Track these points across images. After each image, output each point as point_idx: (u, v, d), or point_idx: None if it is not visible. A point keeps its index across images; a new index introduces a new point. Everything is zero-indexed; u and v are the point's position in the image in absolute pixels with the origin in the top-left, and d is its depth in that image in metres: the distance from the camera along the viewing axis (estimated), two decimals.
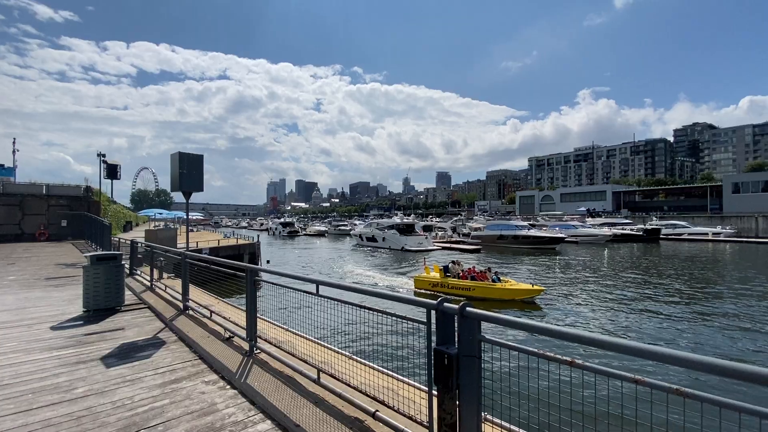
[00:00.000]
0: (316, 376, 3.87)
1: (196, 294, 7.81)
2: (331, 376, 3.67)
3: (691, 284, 20.50)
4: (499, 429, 2.30)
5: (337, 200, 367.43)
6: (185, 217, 9.80)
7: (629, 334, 12.44)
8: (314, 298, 3.86)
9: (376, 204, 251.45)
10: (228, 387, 4.09)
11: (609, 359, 8.64)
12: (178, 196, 9.36)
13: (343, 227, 76.69)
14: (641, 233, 51.13)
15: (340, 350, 4.34)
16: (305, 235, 75.50)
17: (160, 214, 42.59)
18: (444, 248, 40.91)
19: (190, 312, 7.15)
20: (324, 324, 3.88)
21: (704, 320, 13.54)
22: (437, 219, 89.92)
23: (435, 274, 18.10)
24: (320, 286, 3.77)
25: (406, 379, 3.63)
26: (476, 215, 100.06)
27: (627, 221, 60.55)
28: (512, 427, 2.23)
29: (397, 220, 47.17)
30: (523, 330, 2.17)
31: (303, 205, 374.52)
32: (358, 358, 4.04)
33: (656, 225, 54.87)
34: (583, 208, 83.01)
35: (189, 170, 8.85)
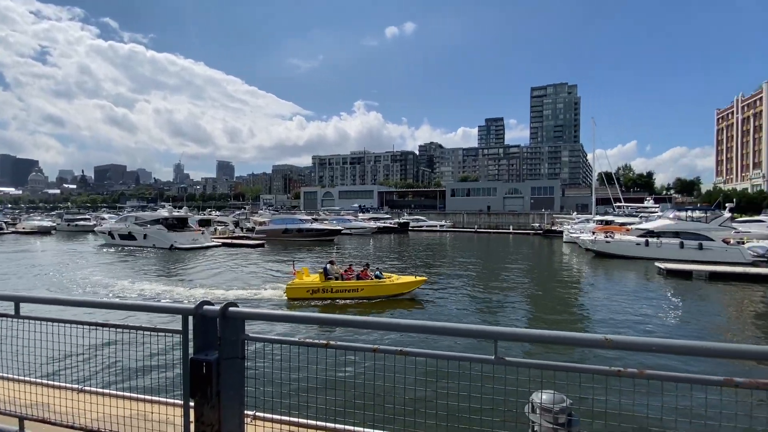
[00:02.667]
0: (17, 428, 2.81)
1: None
2: (44, 421, 2.75)
3: (428, 257, 26.96)
4: (262, 424, 2.31)
5: (73, 186, 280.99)
6: None
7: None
8: (15, 323, 2.78)
9: (136, 194, 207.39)
10: None
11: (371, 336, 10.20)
12: None
13: (84, 222, 59.16)
14: (396, 226, 62.98)
15: (64, 384, 3.31)
16: (15, 233, 53.86)
17: None
18: (225, 244, 37.90)
19: None
20: (38, 354, 2.85)
21: (438, 276, 18.07)
22: (217, 213, 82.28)
23: (309, 279, 15.91)
24: (22, 304, 2.74)
25: (161, 399, 3.13)
26: (261, 209, 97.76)
27: (387, 216, 73.35)
28: (275, 416, 2.28)
29: (164, 213, 40.23)
30: (287, 321, 2.26)
31: (12, 190, 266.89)
32: (97, 389, 3.21)
33: (406, 219, 68.95)
34: (356, 205, 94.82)
35: None
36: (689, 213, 31.30)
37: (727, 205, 33.36)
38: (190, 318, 2.26)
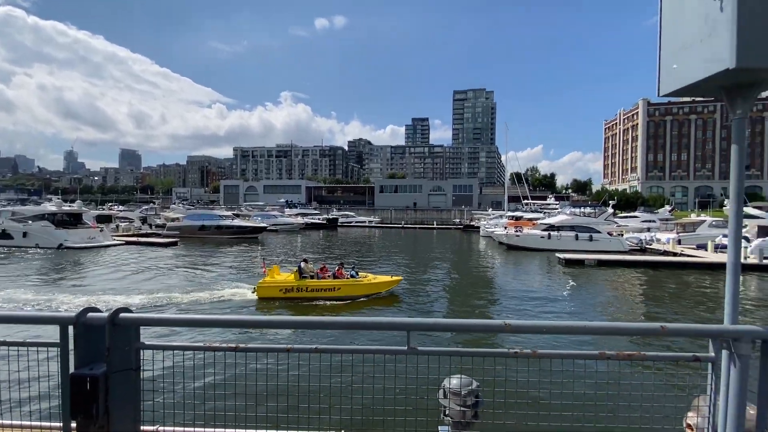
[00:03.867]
0: None
1: None
2: None
3: (358, 253, 27.10)
4: None
5: None
6: None
7: None
8: None
9: (13, 184, 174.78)
10: None
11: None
12: None
13: None
14: (325, 222, 62.22)
15: None
16: None
17: None
18: (129, 243, 33.81)
19: None
20: None
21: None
22: (121, 207, 72.96)
23: (282, 277, 15.21)
24: None
25: (34, 424, 2.68)
26: (174, 204, 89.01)
27: (316, 212, 72.20)
28: (178, 429, 2.09)
29: (51, 207, 34.60)
30: (188, 326, 2.08)
31: None
32: None
33: (335, 215, 68.49)
34: (283, 200, 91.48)
35: None
36: (582, 210, 36.00)
37: (610, 202, 39.09)
38: (71, 328, 1.96)
